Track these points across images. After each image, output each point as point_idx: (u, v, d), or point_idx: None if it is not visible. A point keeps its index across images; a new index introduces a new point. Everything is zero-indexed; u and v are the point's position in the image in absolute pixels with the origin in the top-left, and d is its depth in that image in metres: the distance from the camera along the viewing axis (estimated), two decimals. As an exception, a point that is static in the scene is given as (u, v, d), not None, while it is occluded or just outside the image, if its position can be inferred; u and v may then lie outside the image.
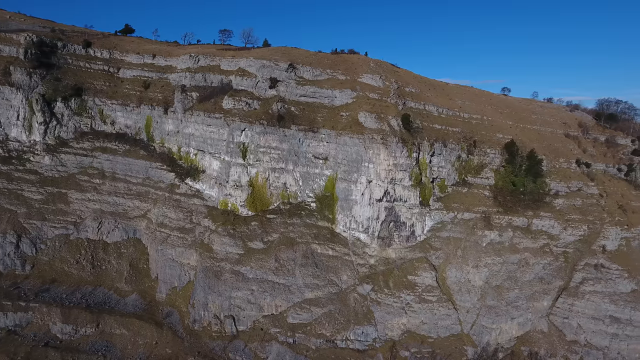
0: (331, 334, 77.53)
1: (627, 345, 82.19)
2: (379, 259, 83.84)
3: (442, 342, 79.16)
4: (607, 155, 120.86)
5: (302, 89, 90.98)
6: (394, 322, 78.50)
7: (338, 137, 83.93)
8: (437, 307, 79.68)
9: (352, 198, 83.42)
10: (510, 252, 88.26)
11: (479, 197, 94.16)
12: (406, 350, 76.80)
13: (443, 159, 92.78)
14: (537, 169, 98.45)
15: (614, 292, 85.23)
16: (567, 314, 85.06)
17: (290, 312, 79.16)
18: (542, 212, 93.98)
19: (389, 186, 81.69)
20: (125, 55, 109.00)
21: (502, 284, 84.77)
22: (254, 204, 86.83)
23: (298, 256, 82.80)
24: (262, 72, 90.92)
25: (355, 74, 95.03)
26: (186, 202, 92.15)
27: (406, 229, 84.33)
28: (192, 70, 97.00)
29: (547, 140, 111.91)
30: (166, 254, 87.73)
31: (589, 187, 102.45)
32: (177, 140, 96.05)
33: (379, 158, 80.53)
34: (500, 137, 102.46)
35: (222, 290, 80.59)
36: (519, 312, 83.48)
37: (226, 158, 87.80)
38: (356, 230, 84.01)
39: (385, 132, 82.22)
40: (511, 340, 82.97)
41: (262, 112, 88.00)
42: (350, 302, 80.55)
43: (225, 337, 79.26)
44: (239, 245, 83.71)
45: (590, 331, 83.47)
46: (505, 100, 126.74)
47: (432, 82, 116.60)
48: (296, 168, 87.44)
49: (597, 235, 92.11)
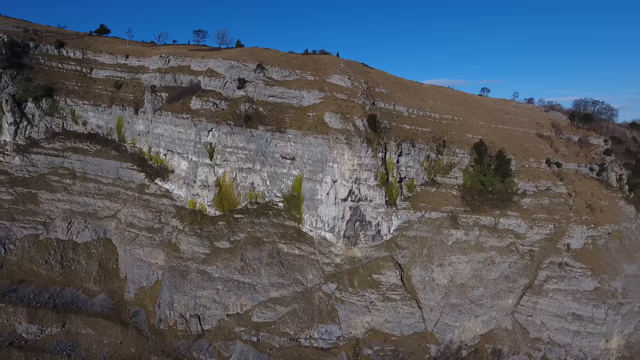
0: (295, 332, 78.16)
1: (589, 343, 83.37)
2: (345, 258, 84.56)
3: (406, 340, 79.98)
4: (579, 155, 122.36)
5: (271, 90, 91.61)
6: (358, 321, 79.22)
7: (304, 137, 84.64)
8: (400, 306, 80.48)
9: (317, 198, 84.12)
10: (476, 250, 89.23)
11: (447, 196, 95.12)
12: (369, 348, 77.56)
13: (411, 159, 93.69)
14: (505, 168, 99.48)
15: (577, 290, 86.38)
16: (531, 312, 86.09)
17: (255, 311, 79.75)
18: (510, 212, 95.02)
19: (354, 186, 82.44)
20: (98, 55, 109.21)
21: (466, 282, 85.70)
22: (222, 204, 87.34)
23: (264, 255, 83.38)
24: (230, 73, 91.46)
25: (325, 75, 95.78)
26: (155, 202, 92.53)
27: (372, 228, 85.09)
28: (162, 71, 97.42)
29: (518, 140, 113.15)
30: (134, 254, 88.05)
31: (557, 187, 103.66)
32: (148, 140, 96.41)
33: (343, 158, 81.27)
34: (470, 137, 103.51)
35: (187, 290, 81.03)
36: (483, 310, 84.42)
37: (194, 158, 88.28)
38: (322, 230, 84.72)
39: (349, 132, 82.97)
40: (475, 338, 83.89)
41: (230, 113, 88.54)
42: (315, 301, 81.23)
43: (190, 336, 79.72)
44: (205, 245, 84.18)
45: (554, 328, 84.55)
46: (480, 101, 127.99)
47: (406, 82, 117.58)
48: (264, 168, 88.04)
49: (563, 234, 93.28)
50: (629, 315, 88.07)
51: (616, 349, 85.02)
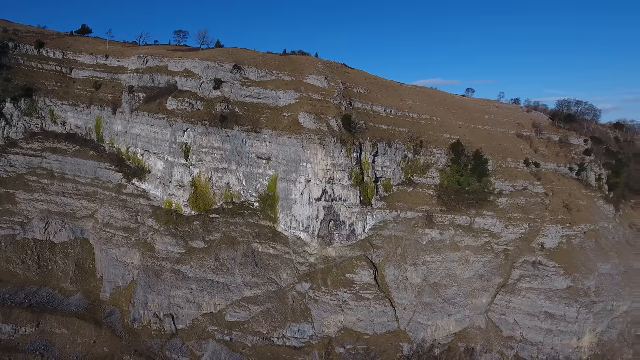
0: (268, 331, 78.62)
1: (561, 341, 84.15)
2: (320, 257, 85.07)
3: (378, 338, 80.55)
4: (559, 155, 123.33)
5: (247, 90, 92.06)
6: (331, 320, 79.76)
7: (278, 137, 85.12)
8: (373, 305, 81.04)
9: (291, 198, 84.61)
10: (451, 250, 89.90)
11: (424, 196, 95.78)
12: (341, 347, 78.09)
13: (388, 159, 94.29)
14: (482, 168, 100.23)
15: (550, 289, 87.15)
16: (505, 311, 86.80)
17: (229, 311, 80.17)
18: (486, 211, 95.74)
19: (328, 186, 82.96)
20: (78, 55, 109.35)
21: (440, 281, 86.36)
22: (197, 204, 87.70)
23: (238, 255, 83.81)
24: (206, 74, 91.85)
25: (302, 75, 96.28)
26: (132, 202, 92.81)
27: (346, 228, 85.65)
28: (140, 72, 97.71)
29: (497, 140, 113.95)
30: (110, 254, 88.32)
31: (535, 187, 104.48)
32: (126, 140, 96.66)
33: (317, 158, 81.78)
34: (448, 137, 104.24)
35: (161, 290, 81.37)
36: (457, 309, 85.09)
37: (169, 158, 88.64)
38: (297, 230, 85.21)
39: (323, 133, 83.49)
40: (449, 337, 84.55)
41: (206, 113, 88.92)
42: (289, 301, 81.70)
43: (164, 336, 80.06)
44: (180, 245, 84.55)
45: (526, 327, 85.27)
46: (461, 101, 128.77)
47: (386, 83, 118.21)
48: (239, 168, 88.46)
49: (537, 233, 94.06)
50: (602, 314, 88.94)
51: (588, 347, 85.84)
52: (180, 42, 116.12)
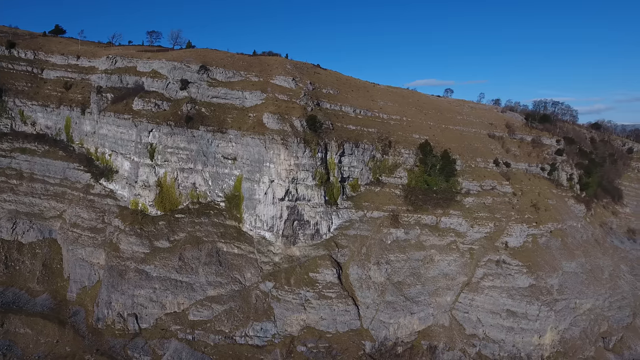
0: (230, 330, 79.16)
1: (522, 338, 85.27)
2: (284, 256, 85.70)
3: (341, 337, 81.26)
4: (531, 155, 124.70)
5: (214, 91, 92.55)
6: (293, 318, 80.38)
7: (242, 137, 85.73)
8: (336, 303, 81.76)
9: (255, 197, 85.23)
10: (416, 249, 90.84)
11: (391, 196, 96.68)
12: (303, 345, 78.75)
13: (355, 159, 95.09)
14: (450, 168, 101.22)
15: (512, 287, 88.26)
16: (468, 309, 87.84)
17: (192, 310, 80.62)
18: (452, 211, 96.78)
19: (291, 185, 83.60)
20: (50, 56, 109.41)
21: (404, 280, 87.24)
22: (163, 204, 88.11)
23: (203, 255, 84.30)
24: (173, 74, 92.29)
25: (269, 76, 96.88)
26: (99, 202, 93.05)
27: (310, 227, 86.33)
28: (108, 72, 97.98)
29: (467, 140, 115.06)
30: (77, 254, 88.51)
31: (503, 186, 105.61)
32: (94, 141, 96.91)
33: (279, 158, 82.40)
34: (416, 137, 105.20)
35: (125, 289, 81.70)
36: (420, 307, 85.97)
37: (135, 158, 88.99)
38: (261, 229, 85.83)
39: (286, 133, 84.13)
40: (412, 335, 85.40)
41: (171, 113, 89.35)
42: (252, 299, 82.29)
43: (127, 335, 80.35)
44: (145, 245, 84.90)
45: (489, 325, 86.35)
46: (434, 102, 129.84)
47: (358, 83, 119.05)
48: (205, 168, 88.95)
49: (502, 232, 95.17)
50: (564, 311, 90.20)
51: (550, 344, 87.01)
52: (153, 42, 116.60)
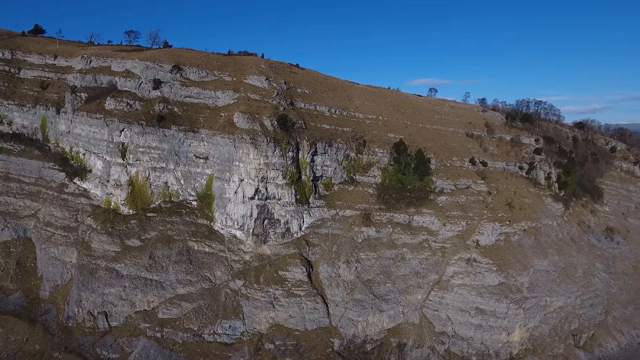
0: (198, 328, 79.78)
1: (490, 336, 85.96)
2: (254, 255, 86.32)
3: (309, 334, 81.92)
4: (509, 154, 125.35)
5: (187, 90, 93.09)
6: (262, 316, 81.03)
7: (213, 137, 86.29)
8: (305, 301, 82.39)
9: (226, 196, 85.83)
10: (387, 247, 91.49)
11: (364, 194, 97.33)
12: (271, 343, 79.40)
13: (328, 158, 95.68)
14: (424, 167, 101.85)
15: (481, 285, 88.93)
16: (438, 307, 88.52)
17: (161, 308, 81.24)
18: (425, 209, 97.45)
19: (260, 184, 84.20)
20: (28, 55, 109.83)
21: (374, 278, 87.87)
22: (135, 203, 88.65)
23: (173, 253, 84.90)
24: (145, 74, 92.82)
25: (243, 76, 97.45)
26: (73, 202, 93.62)
27: (281, 226, 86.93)
28: (83, 72, 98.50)
29: (444, 139, 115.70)
30: (49, 253, 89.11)
31: (478, 185, 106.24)
32: (69, 140, 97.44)
33: (249, 157, 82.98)
34: (391, 136, 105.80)
35: (95, 287, 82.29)
36: (390, 305, 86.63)
37: (107, 158, 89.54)
38: (232, 228, 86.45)
39: (256, 132, 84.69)
40: (381, 332, 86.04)
41: (143, 113, 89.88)
42: (222, 298, 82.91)
43: (97, 333, 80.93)
44: (116, 243, 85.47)
45: (458, 322, 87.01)
46: (413, 102, 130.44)
47: (335, 82, 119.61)
48: (177, 167, 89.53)
49: (473, 231, 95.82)
50: (534, 309, 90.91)
51: (519, 341, 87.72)
52: (132, 42, 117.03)
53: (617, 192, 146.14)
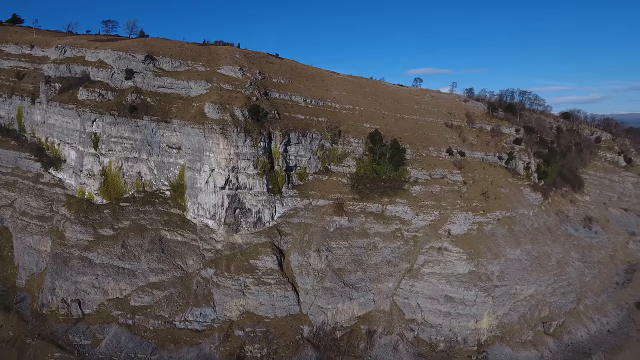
0: (169, 315, 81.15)
1: (459, 323, 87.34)
2: (226, 244, 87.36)
3: (279, 321, 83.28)
4: (489, 144, 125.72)
5: (160, 80, 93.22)
6: (232, 304, 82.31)
7: (184, 127, 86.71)
8: (275, 289, 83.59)
9: (197, 186, 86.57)
10: (359, 236, 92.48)
11: (338, 184, 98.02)
12: (241, 330, 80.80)
13: (303, 148, 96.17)
14: (399, 157, 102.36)
15: (451, 273, 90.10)
16: (408, 295, 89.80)
17: (133, 296, 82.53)
18: (398, 199, 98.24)
19: (231, 174, 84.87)
20: (4, 45, 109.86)
21: (345, 266, 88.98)
22: (108, 193, 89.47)
23: (145, 242, 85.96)
24: (118, 64, 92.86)
25: (216, 66, 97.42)
26: (48, 191, 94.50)
27: (252, 215, 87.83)
28: (57, 62, 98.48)
29: (422, 129, 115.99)
30: (25, 242, 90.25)
31: (453, 175, 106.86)
32: (44, 130, 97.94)
33: (219, 147, 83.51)
34: (367, 126, 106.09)
35: (68, 276, 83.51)
36: (360, 293, 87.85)
37: (80, 148, 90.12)
38: (204, 217, 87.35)
39: (226, 122, 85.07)
40: (352, 320, 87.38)
41: (115, 103, 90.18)
42: (193, 286, 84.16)
43: (70, 320, 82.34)
44: (89, 233, 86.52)
45: (427, 310, 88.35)
46: (393, 91, 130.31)
47: (314, 72, 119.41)
48: (150, 157, 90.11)
49: (446, 220, 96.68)
50: (504, 297, 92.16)
51: (487, 328, 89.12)
52: (109, 32, 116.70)
53: (599, 182, 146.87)
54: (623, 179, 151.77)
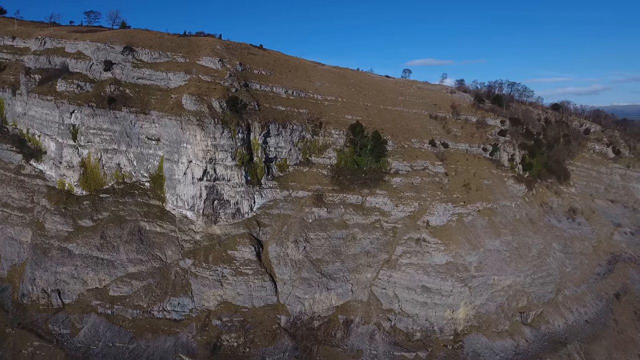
0: (148, 305, 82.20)
1: (435, 313, 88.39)
2: (205, 235, 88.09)
3: (256, 311, 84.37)
4: (474, 136, 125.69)
5: (139, 72, 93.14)
6: (210, 294, 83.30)
7: (161, 118, 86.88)
8: (252, 280, 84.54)
9: (175, 177, 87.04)
10: (338, 227, 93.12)
11: (318, 176, 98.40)
12: (218, 319, 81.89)
13: (283, 140, 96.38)
14: (380, 149, 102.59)
15: (429, 264, 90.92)
16: (386, 285, 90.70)
17: (112, 286, 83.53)
18: (378, 190, 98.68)
19: (209, 166, 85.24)
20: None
21: (323, 257, 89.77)
22: (88, 184, 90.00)
23: (125, 233, 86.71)
24: (96, 55, 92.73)
25: (196, 57, 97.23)
26: (29, 183, 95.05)
27: (231, 206, 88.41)
28: (37, 53, 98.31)
29: (405, 121, 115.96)
30: (6, 233, 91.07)
31: (435, 166, 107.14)
32: (25, 122, 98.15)
33: (196, 139, 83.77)
34: (349, 118, 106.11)
35: (48, 266, 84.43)
36: (338, 284, 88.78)
37: (59, 139, 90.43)
38: (183, 208, 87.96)
39: (203, 114, 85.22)
40: (330, 310, 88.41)
41: (94, 95, 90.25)
42: (171, 276, 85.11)
43: (51, 310, 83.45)
44: (69, 224, 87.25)
45: (404, 300, 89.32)
46: (378, 83, 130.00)
47: (298, 63, 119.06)
48: (130, 149, 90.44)
49: (425, 211, 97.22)
50: (481, 287, 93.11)
51: (464, 318, 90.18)
52: (92, 22, 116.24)
53: (586, 174, 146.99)
54: (611, 170, 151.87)
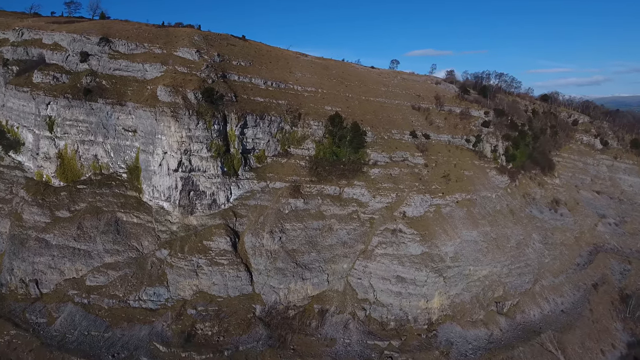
0: (124, 294, 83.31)
1: (409, 302, 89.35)
2: (181, 225, 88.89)
3: (232, 301, 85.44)
4: (457, 127, 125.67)
5: (116, 63, 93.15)
6: (186, 284, 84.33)
7: (136, 110, 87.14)
8: (227, 270, 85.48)
9: (151, 169, 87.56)
10: (315, 218, 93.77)
11: (296, 167, 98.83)
12: (193, 308, 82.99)
13: (261, 131, 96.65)
14: (359, 140, 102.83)
15: (404, 254, 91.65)
16: (362, 275, 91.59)
17: (89, 276, 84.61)
18: (356, 181, 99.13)
19: (184, 157, 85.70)
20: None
21: (298, 248, 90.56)
22: (65, 175, 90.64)
23: (101, 224, 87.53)
24: (73, 46, 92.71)
25: (174, 48, 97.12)
26: (9, 174, 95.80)
27: (207, 197, 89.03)
28: (15, 44, 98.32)
29: (386, 112, 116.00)
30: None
31: (415, 158, 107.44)
32: (4, 113, 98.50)
33: (170, 130, 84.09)
34: (328, 109, 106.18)
35: (25, 257, 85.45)
36: (314, 274, 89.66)
37: (36, 131, 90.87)
38: (159, 199, 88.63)
39: (178, 105, 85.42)
40: (305, 299, 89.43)
41: (70, 86, 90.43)
42: (147, 266, 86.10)
43: (29, 300, 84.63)
44: (46, 214, 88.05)
45: (379, 290, 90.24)
46: (361, 74, 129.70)
47: (279, 54, 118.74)
48: (107, 140, 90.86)
49: (402, 202, 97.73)
50: (457, 277, 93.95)
51: (438, 308, 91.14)
52: (72, 13, 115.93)
53: (573, 165, 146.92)
54: (598, 161, 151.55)
